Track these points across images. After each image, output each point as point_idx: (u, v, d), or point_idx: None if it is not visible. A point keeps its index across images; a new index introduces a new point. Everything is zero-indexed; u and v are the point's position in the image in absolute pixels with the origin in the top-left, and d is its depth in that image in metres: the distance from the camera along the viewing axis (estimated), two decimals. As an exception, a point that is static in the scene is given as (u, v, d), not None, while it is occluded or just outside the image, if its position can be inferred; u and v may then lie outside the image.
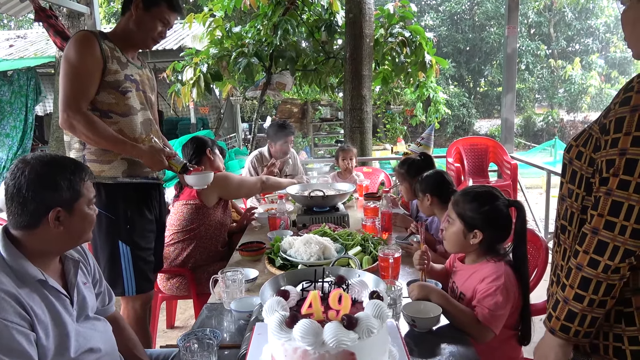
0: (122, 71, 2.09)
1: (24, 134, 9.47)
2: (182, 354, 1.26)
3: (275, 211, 2.71)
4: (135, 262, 2.16)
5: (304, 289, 1.08)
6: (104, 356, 1.38)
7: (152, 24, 2.11)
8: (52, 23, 4.42)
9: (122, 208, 2.13)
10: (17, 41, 11.70)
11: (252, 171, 3.86)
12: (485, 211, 1.63)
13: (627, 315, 1.11)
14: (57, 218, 1.25)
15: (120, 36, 2.14)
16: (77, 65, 1.97)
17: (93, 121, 1.99)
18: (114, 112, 2.08)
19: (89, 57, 1.99)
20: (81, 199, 1.31)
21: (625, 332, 1.12)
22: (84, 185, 1.32)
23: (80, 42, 1.99)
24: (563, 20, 17.31)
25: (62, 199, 1.26)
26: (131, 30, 2.12)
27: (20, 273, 1.21)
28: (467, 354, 1.40)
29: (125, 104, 2.10)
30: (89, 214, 1.35)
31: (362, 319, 0.92)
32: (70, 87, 1.97)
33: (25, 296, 1.19)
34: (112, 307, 1.58)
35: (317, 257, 1.99)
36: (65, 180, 1.27)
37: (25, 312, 1.17)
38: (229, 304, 1.66)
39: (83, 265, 1.44)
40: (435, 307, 1.55)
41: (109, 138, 2.02)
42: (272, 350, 0.98)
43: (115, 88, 2.07)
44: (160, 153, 2.10)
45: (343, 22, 5.76)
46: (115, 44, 2.11)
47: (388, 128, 13.33)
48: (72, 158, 1.38)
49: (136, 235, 2.17)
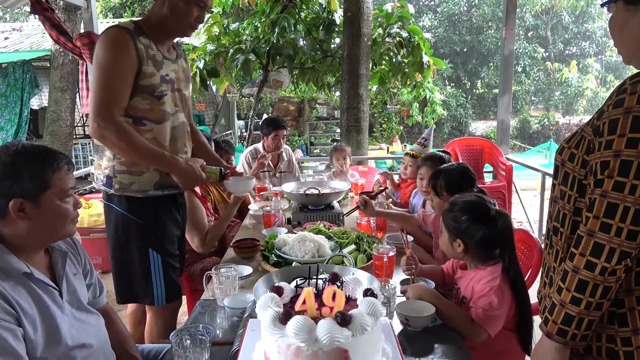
0: (157, 72, 1.90)
1: (19, 127, 9.41)
2: (175, 350, 1.25)
3: (270, 208, 2.71)
4: (165, 270, 2.02)
5: (297, 285, 1.08)
6: (95, 351, 1.36)
7: (187, 8, 1.89)
8: (48, 16, 4.39)
9: (152, 214, 1.99)
10: (13, 34, 11.61)
11: (245, 166, 3.86)
12: (464, 221, 1.65)
13: (620, 316, 1.12)
14: (21, 209, 1.19)
15: (155, 26, 1.94)
16: (109, 68, 1.79)
17: (127, 132, 1.80)
18: (148, 119, 1.91)
19: (122, 60, 1.79)
20: (49, 190, 1.22)
21: (618, 333, 1.12)
22: (54, 176, 1.23)
23: (113, 42, 1.80)
24: (560, 24, 17.39)
25: (23, 190, 1.18)
26: (165, 17, 1.91)
27: (5, 267, 1.18)
28: (460, 353, 1.40)
29: (159, 110, 1.94)
30: (62, 207, 1.26)
31: (356, 316, 0.92)
32: (102, 94, 1.78)
33: (10, 290, 1.16)
34: (103, 299, 1.56)
35: (311, 255, 1.99)
36: (27, 170, 1.19)
37: (11, 307, 1.14)
38: (223, 300, 1.65)
39: (72, 256, 1.42)
40: (429, 306, 1.56)
41: (144, 151, 1.84)
42: (265, 347, 0.98)
43: (151, 93, 1.89)
44: (198, 167, 1.94)
45: (341, 21, 5.76)
46: (150, 38, 1.91)
47: (384, 128, 13.36)
48: (45, 147, 1.28)
49: (167, 242, 2.04)
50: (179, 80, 2.04)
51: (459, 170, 2.16)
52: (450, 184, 2.11)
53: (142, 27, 1.91)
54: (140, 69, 1.84)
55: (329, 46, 6.26)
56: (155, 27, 1.94)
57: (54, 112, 8.44)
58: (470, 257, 1.70)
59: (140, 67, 1.84)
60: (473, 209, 1.67)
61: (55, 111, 8.42)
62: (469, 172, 2.16)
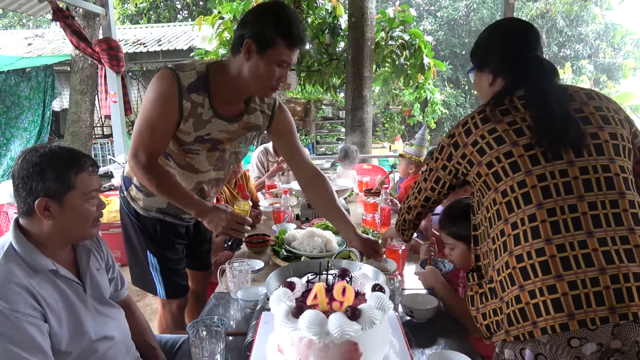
0: (194, 132, 1.65)
1: (42, 128, 9.45)
2: (192, 341, 1.25)
3: (280, 205, 2.70)
4: (164, 273, 1.93)
5: (309, 280, 1.07)
6: (118, 343, 1.36)
7: (268, 71, 1.54)
8: (69, 23, 4.41)
9: (150, 223, 1.89)
10: (35, 40, 11.67)
11: (259, 166, 3.86)
12: None
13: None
14: (46, 208, 1.18)
15: (225, 82, 1.62)
16: (148, 117, 1.58)
17: (159, 178, 1.63)
18: (173, 160, 1.74)
19: (164, 114, 1.58)
20: (72, 191, 1.21)
21: None
22: (78, 178, 1.21)
23: (158, 94, 1.57)
24: (555, 27, 17.22)
25: (48, 190, 1.17)
26: (243, 79, 1.58)
27: (32, 264, 1.18)
28: (462, 344, 1.39)
29: (185, 161, 1.75)
30: (85, 207, 1.24)
31: (365, 311, 0.91)
32: (140, 137, 1.60)
33: (37, 287, 1.16)
34: (124, 292, 1.56)
35: (319, 250, 1.98)
36: (53, 170, 1.18)
37: (38, 303, 1.15)
38: (236, 293, 1.65)
39: (96, 251, 1.42)
40: (432, 299, 1.56)
41: (171, 195, 1.66)
42: (278, 339, 0.98)
43: (180, 144, 1.70)
44: (229, 212, 1.66)
45: (346, 26, 5.74)
46: (210, 95, 1.63)
47: (387, 127, 13.31)
48: (72, 149, 1.26)
49: (165, 249, 1.93)
50: (228, 140, 1.76)
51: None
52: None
53: (207, 79, 1.62)
54: (178, 124, 1.63)
55: (334, 49, 6.24)
56: (223, 81, 1.63)
57: (75, 113, 8.48)
58: None
59: (179, 123, 1.63)
60: None
61: (75, 112, 8.47)
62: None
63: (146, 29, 12.03)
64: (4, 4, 4.60)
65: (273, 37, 1.49)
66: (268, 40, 1.49)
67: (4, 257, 1.16)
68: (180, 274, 2.02)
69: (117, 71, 4.69)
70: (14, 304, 1.10)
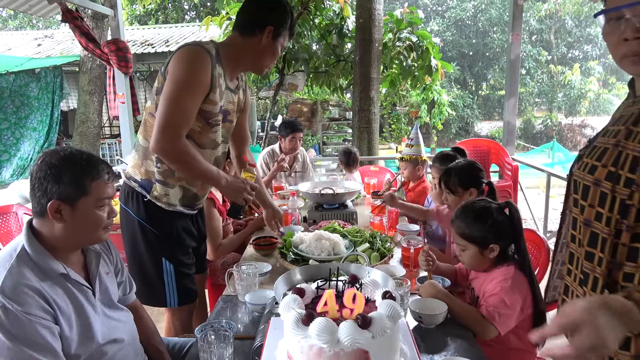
0: (219, 102, 1.80)
1: (50, 128, 9.54)
2: (200, 345, 1.24)
3: (287, 207, 2.69)
4: (178, 279, 1.95)
5: (319, 287, 1.06)
6: (126, 346, 1.36)
7: (274, 53, 1.88)
8: (77, 24, 4.43)
9: (168, 225, 1.91)
10: (45, 40, 11.77)
11: (264, 167, 3.86)
12: (492, 225, 1.62)
13: None
14: (57, 211, 1.19)
15: (232, 57, 1.84)
16: (186, 83, 1.66)
17: (190, 155, 1.71)
18: (194, 141, 1.80)
19: (199, 79, 1.68)
20: (86, 197, 1.21)
21: None
22: (93, 184, 1.22)
23: (195, 60, 1.67)
24: (564, 28, 17.12)
25: (62, 193, 1.18)
26: (252, 56, 1.85)
27: (44, 268, 1.19)
28: (472, 350, 1.38)
29: (208, 136, 1.85)
30: (96, 214, 1.25)
31: (376, 319, 0.90)
32: (172, 107, 1.64)
33: (48, 290, 1.17)
34: (132, 295, 1.57)
35: (327, 253, 1.97)
36: (69, 174, 1.18)
37: (49, 305, 1.16)
38: (244, 296, 1.64)
39: (105, 255, 1.42)
40: (441, 304, 1.54)
41: (199, 171, 1.77)
42: (288, 346, 0.97)
43: (206, 119, 1.79)
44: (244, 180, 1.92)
45: (353, 27, 5.73)
46: (224, 67, 1.82)
47: (393, 128, 13.28)
48: (91, 155, 1.25)
49: (180, 252, 1.97)
50: (232, 112, 1.96)
51: (468, 165, 2.17)
52: (463, 179, 2.12)
53: (220, 54, 1.80)
54: (208, 95, 1.74)
55: (342, 51, 6.23)
56: (233, 57, 1.85)
57: (83, 113, 8.53)
58: (496, 258, 1.65)
59: (209, 93, 1.73)
60: (490, 210, 1.64)
61: (84, 113, 8.52)
62: (476, 165, 2.17)
63: (154, 29, 12.09)
64: (15, 5, 4.64)
65: (286, 27, 1.87)
66: (284, 29, 1.85)
67: (17, 260, 1.17)
68: (191, 279, 2.04)
69: (126, 72, 4.70)
70: (26, 306, 1.11)
